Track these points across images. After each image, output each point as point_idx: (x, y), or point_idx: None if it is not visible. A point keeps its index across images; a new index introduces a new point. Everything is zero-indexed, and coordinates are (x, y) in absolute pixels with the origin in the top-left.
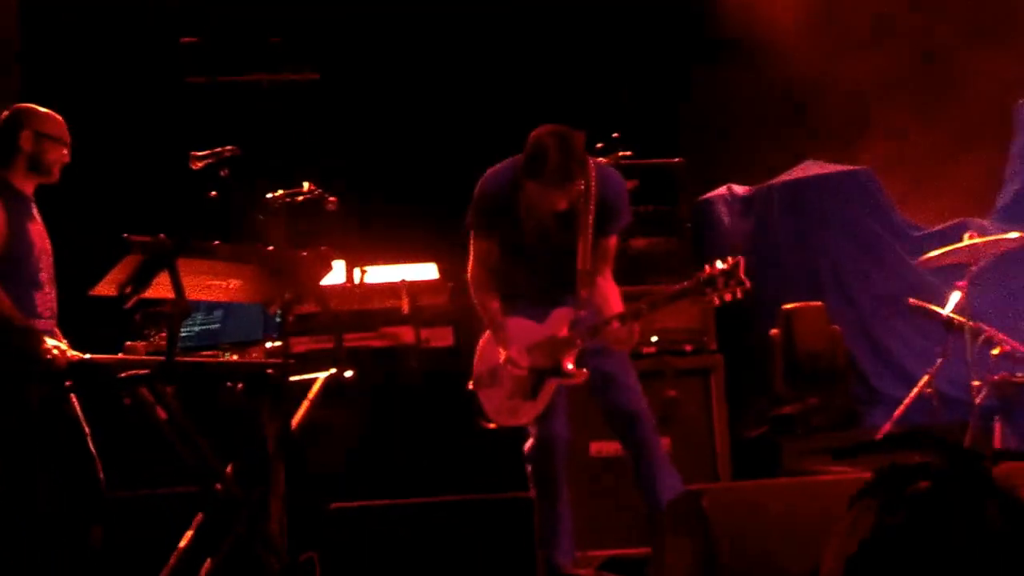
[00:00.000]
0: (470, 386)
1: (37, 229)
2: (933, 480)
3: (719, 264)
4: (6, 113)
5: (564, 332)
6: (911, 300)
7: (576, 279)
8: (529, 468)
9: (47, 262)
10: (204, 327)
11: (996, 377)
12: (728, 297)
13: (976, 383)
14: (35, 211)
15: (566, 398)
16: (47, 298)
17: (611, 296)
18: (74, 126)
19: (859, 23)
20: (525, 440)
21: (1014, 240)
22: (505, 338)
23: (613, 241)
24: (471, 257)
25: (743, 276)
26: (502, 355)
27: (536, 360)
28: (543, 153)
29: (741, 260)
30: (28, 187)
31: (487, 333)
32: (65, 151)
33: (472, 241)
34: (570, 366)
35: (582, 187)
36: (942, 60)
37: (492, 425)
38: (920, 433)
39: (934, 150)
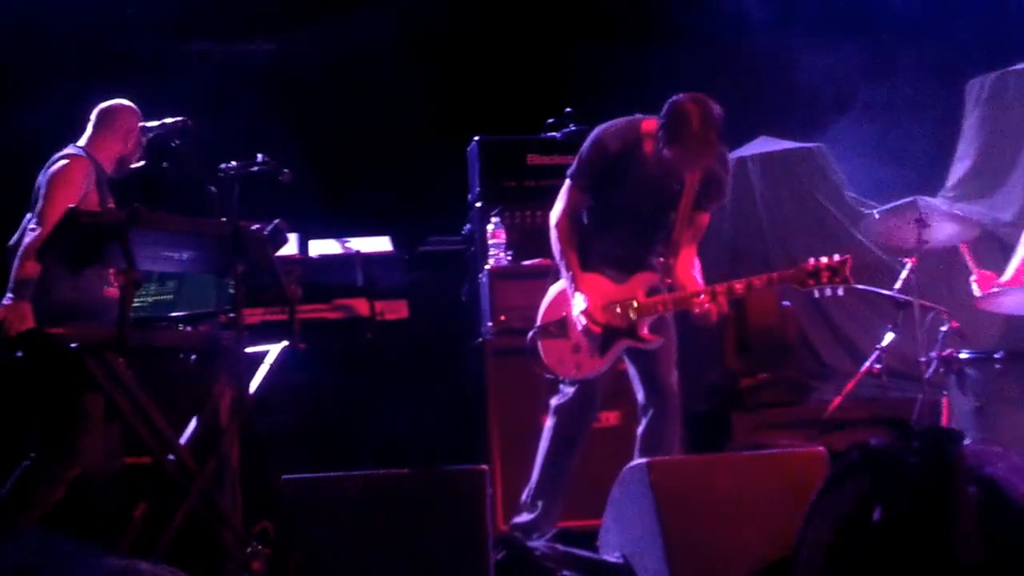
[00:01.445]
0: (531, 334)
1: (111, 205)
2: (910, 466)
3: (825, 260)
4: (120, 104)
5: (643, 296)
6: (857, 285)
7: (666, 247)
8: (554, 423)
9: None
10: (157, 298)
11: (944, 353)
12: (829, 293)
13: (924, 359)
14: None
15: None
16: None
17: (693, 269)
18: (24, 94)
19: (812, 2)
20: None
21: (963, 225)
22: (583, 291)
23: (706, 218)
24: (562, 205)
25: (849, 274)
26: (576, 307)
27: (613, 319)
28: (687, 118)
29: (849, 259)
30: (110, 171)
31: (558, 284)
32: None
33: (569, 190)
34: (647, 331)
35: (715, 157)
36: (894, 37)
37: (549, 375)
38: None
39: (885, 127)
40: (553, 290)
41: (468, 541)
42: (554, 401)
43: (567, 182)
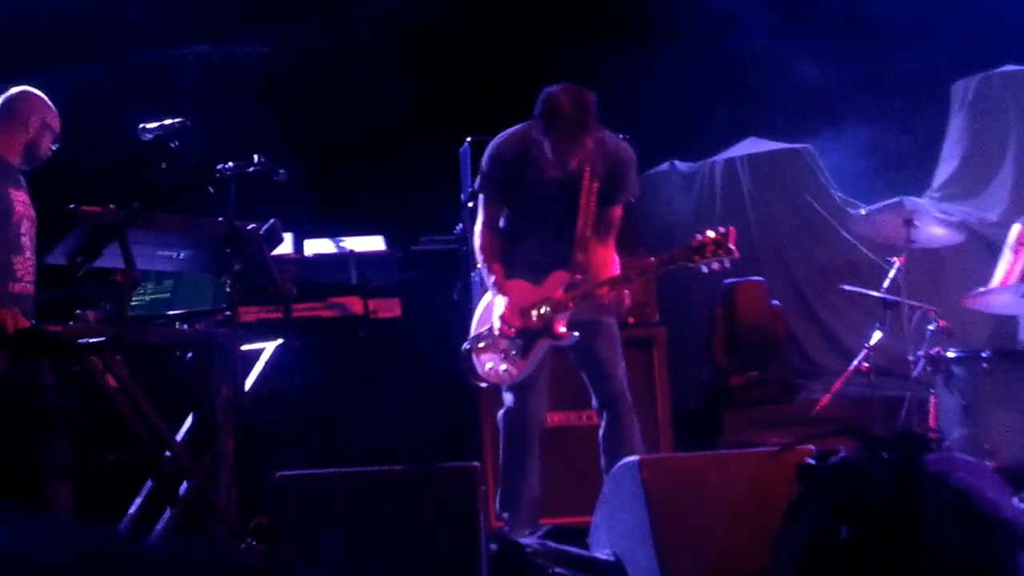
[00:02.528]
0: (465, 346)
1: (21, 197)
2: (873, 481)
3: (710, 233)
4: (18, 92)
5: (558, 295)
6: (844, 287)
7: (574, 244)
8: (501, 434)
9: (29, 228)
10: (154, 297)
11: (932, 352)
12: (716, 266)
13: (912, 358)
14: (22, 181)
15: (549, 368)
16: (27, 263)
17: (610, 263)
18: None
19: (801, 3)
20: (496, 408)
21: (949, 230)
22: (504, 297)
23: (618, 212)
24: (480, 218)
25: (732, 246)
26: (495, 314)
27: (528, 321)
28: (557, 107)
29: (732, 230)
30: (17, 162)
31: (488, 295)
32: (56, 146)
33: (482, 203)
34: (561, 329)
35: (591, 144)
36: (881, 39)
37: (483, 384)
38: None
39: (872, 129)
40: (483, 301)
41: (461, 537)
42: (499, 413)
43: (479, 196)
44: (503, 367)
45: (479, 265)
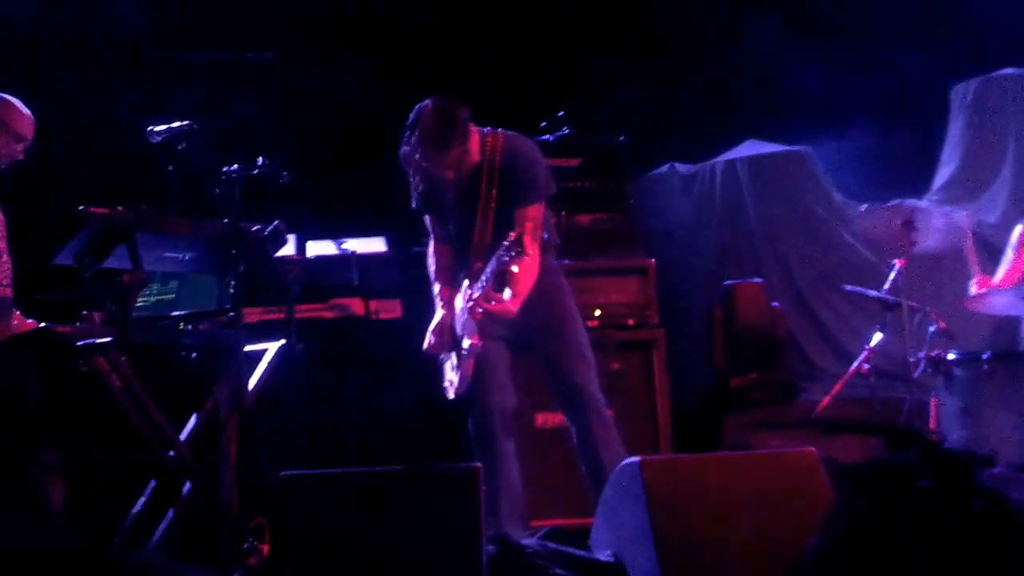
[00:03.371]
0: (439, 360)
1: None
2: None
3: (512, 234)
4: None
5: (467, 306)
6: (846, 287)
7: (472, 252)
8: (472, 441)
9: (2, 232)
10: (159, 298)
11: (932, 354)
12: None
13: (912, 360)
14: None
15: (505, 365)
16: (3, 267)
17: (531, 268)
18: (33, 99)
19: (801, 6)
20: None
21: (950, 231)
22: (438, 313)
23: (529, 212)
24: (430, 233)
25: (524, 246)
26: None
27: (440, 334)
28: (417, 121)
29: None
30: None
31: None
32: (19, 147)
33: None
34: (466, 342)
35: (457, 154)
36: (880, 42)
37: (449, 396)
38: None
39: (872, 131)
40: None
41: (461, 538)
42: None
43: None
44: (451, 379)
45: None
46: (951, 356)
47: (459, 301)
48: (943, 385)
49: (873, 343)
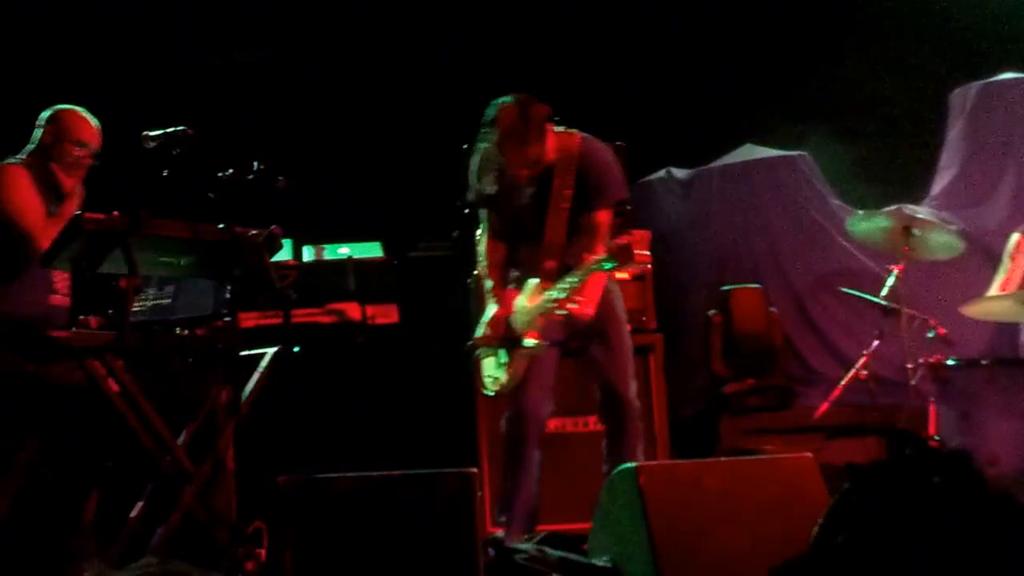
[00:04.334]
0: (476, 354)
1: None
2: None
3: (616, 240)
4: (47, 111)
5: (530, 303)
6: (843, 289)
7: (550, 251)
8: (503, 439)
9: None
10: (156, 302)
11: (931, 360)
12: (628, 274)
13: (911, 365)
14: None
15: (551, 372)
16: (64, 276)
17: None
18: (30, 103)
19: (798, 9)
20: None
21: (948, 243)
22: (495, 306)
23: (602, 216)
24: (483, 228)
25: (636, 251)
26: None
27: (501, 330)
28: (497, 117)
29: (645, 234)
30: (53, 178)
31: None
32: (83, 153)
33: (481, 215)
34: (527, 340)
35: (536, 154)
36: (879, 46)
37: (486, 392)
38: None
39: (871, 136)
40: (488, 311)
41: (457, 543)
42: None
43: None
44: (496, 375)
45: (480, 275)
46: (950, 362)
47: (522, 298)
48: (941, 391)
49: (871, 349)
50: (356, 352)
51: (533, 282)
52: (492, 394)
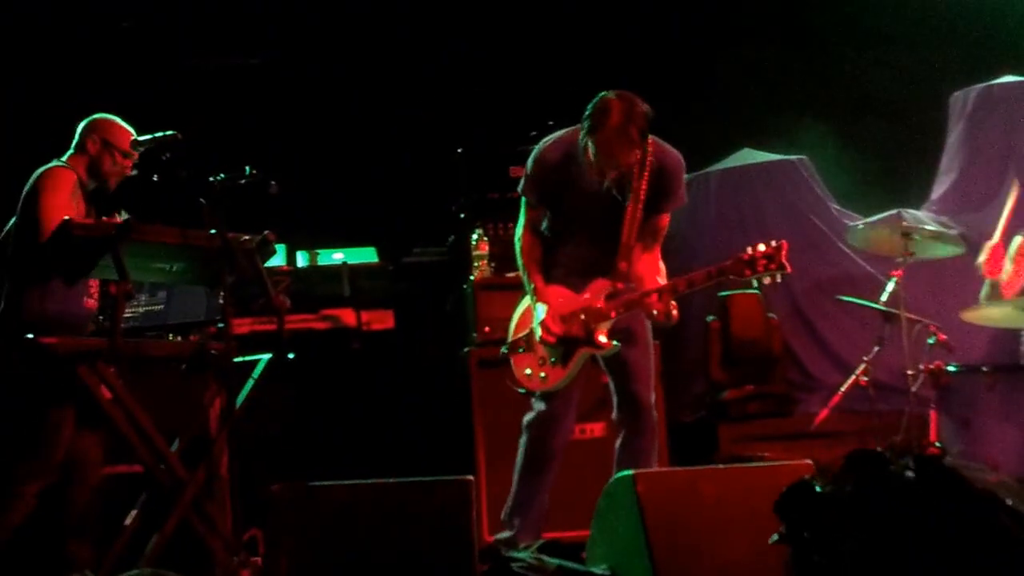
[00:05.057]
0: (503, 350)
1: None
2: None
3: (761, 247)
4: (87, 119)
5: (600, 303)
6: (841, 297)
7: (620, 251)
8: (525, 439)
9: None
10: (148, 308)
11: (931, 366)
12: (768, 281)
13: (911, 372)
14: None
15: (583, 380)
16: (95, 282)
17: (655, 272)
18: (21, 107)
19: (797, 13)
20: (530, 414)
21: (948, 242)
22: (544, 302)
23: (665, 220)
24: (522, 221)
25: (785, 260)
26: (535, 319)
27: (570, 328)
28: (607, 112)
29: (784, 244)
30: (88, 183)
31: (526, 299)
32: (128, 163)
33: (524, 208)
34: (602, 338)
35: (637, 156)
36: (878, 50)
37: (521, 390)
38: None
39: (870, 140)
40: (522, 305)
41: (454, 551)
42: (525, 418)
43: (522, 198)
44: (541, 374)
45: (519, 269)
46: (950, 368)
47: (586, 297)
48: (942, 397)
49: (871, 355)
50: (351, 358)
51: (601, 281)
52: (524, 392)
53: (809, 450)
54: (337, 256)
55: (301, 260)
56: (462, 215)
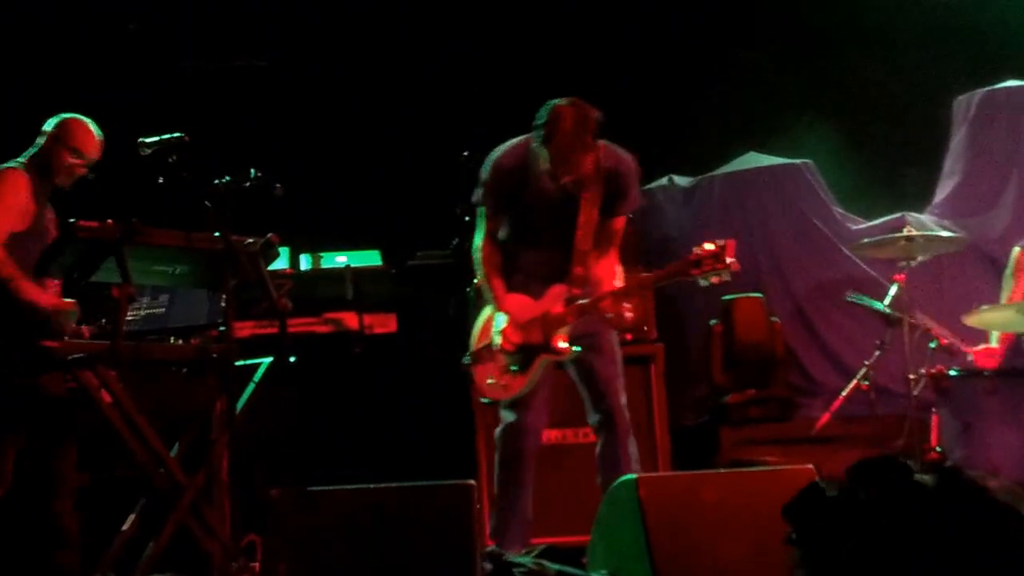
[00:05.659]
0: (465, 360)
1: (51, 217)
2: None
3: (707, 246)
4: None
5: (557, 309)
6: (848, 297)
7: (575, 256)
8: (499, 452)
9: None
10: (150, 312)
11: (933, 370)
12: (716, 280)
13: (913, 376)
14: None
15: (548, 384)
16: (54, 283)
17: (611, 276)
18: (23, 108)
19: (801, 18)
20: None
21: (950, 241)
22: (504, 311)
23: (620, 223)
24: (481, 230)
25: (730, 259)
26: (494, 328)
27: (528, 336)
28: (560, 120)
29: (730, 243)
30: (47, 183)
31: (487, 308)
32: (78, 163)
33: (482, 217)
34: (561, 344)
35: (592, 161)
36: (882, 54)
37: (485, 399)
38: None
39: (873, 144)
40: (483, 315)
41: (455, 556)
42: (496, 431)
43: (479, 207)
44: (503, 382)
45: (479, 278)
46: (952, 373)
47: (545, 303)
48: (944, 402)
49: (873, 359)
50: (353, 362)
51: (558, 287)
52: (489, 401)
53: (810, 454)
54: (340, 259)
55: (304, 263)
56: (466, 218)
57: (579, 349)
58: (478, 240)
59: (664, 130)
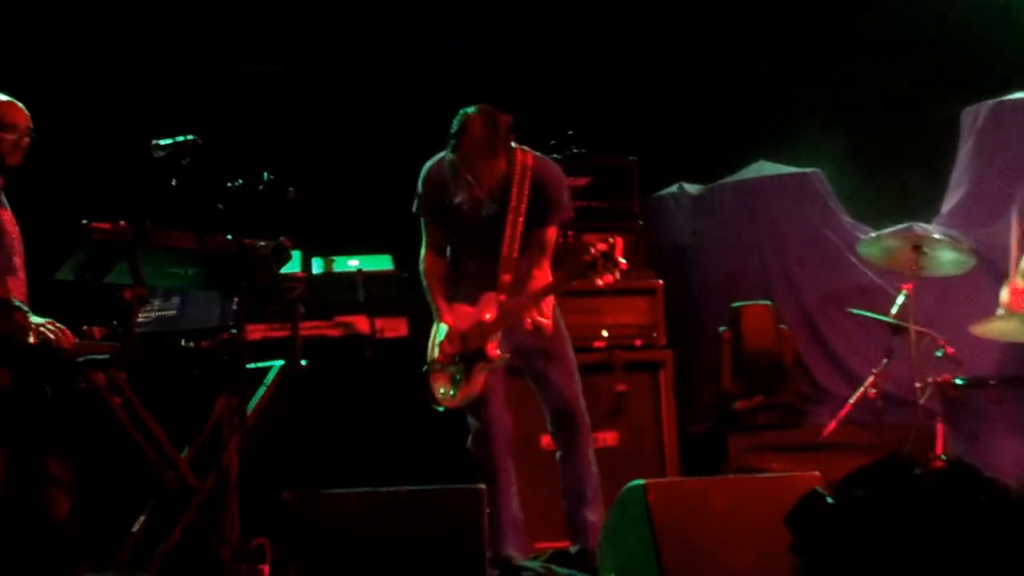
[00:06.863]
0: (424, 369)
1: (7, 215)
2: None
3: (600, 245)
4: None
5: (488, 316)
6: (851, 309)
7: (503, 265)
8: (472, 457)
9: (19, 248)
10: (161, 314)
11: (940, 379)
12: (608, 278)
13: (920, 384)
14: (3, 199)
15: (504, 385)
16: (20, 284)
17: (536, 284)
18: (37, 111)
19: (811, 27)
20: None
21: (958, 264)
22: (444, 322)
23: (550, 233)
24: (424, 244)
25: (619, 258)
26: (434, 339)
27: (467, 345)
28: (467, 126)
29: (619, 241)
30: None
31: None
32: (13, 136)
33: (423, 228)
34: (494, 351)
35: (502, 167)
36: (890, 64)
37: (439, 408)
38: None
39: (882, 154)
40: (435, 326)
41: (464, 560)
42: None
43: (421, 219)
44: (451, 391)
45: (423, 290)
46: (958, 381)
47: (478, 312)
48: (950, 411)
49: (880, 367)
50: (364, 366)
51: (489, 295)
52: (445, 408)
53: (817, 462)
54: (352, 263)
55: (316, 267)
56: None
57: (508, 356)
58: (422, 251)
59: (675, 138)
